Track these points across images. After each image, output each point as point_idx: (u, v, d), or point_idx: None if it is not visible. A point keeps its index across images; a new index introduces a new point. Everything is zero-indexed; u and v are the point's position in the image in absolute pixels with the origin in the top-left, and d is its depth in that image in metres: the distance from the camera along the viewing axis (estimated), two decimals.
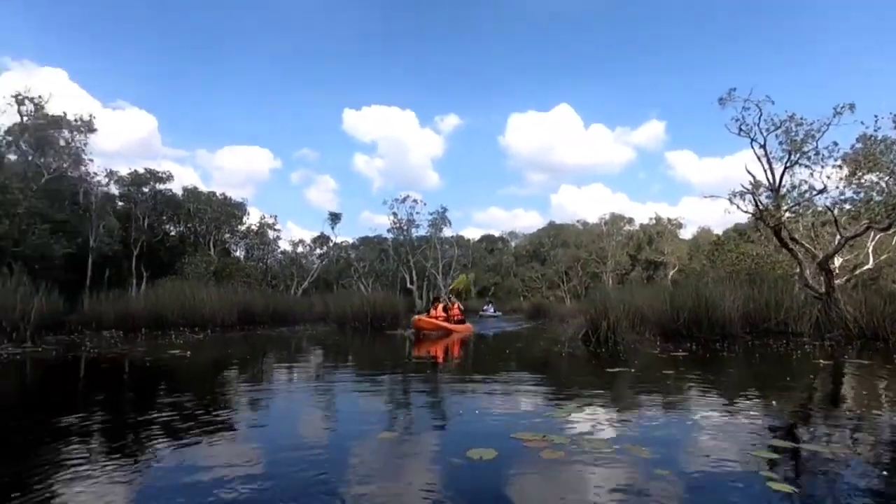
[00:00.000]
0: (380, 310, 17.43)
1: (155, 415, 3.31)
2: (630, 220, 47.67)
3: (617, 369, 5.18)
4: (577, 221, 51.63)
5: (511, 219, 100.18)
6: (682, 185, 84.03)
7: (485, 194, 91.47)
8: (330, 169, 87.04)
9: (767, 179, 13.18)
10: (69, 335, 10.77)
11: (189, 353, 7.45)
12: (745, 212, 13.68)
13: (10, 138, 24.20)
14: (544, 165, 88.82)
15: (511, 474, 1.97)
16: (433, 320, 12.00)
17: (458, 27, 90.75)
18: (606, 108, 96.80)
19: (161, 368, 5.85)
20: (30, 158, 24.49)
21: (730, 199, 13.59)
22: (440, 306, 13.28)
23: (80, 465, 2.08)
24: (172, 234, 36.51)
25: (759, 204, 13.28)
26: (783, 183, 13.07)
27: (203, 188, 39.48)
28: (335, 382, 4.86)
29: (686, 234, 47.80)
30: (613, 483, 1.88)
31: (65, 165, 25.59)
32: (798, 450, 2.27)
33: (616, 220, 46.64)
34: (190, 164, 78.67)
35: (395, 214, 41.06)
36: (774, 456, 2.17)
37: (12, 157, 24.50)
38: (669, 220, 45.83)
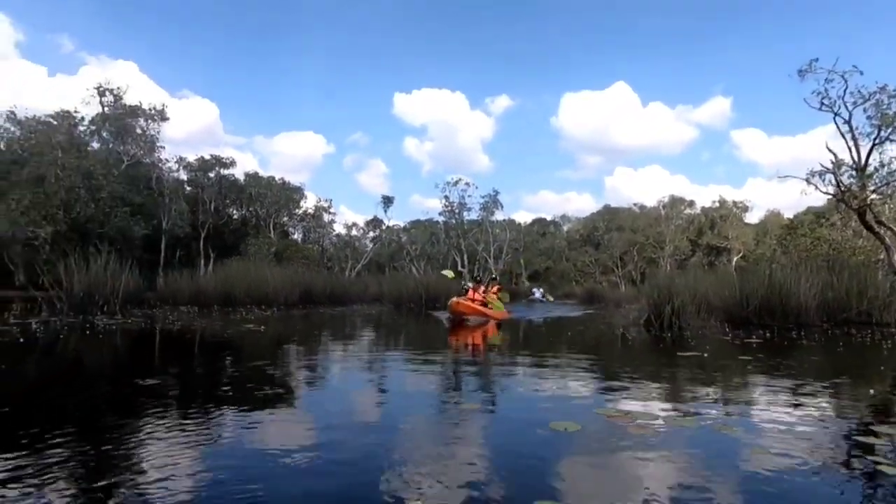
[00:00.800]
0: (433, 291, 17.74)
1: (238, 379, 3.57)
2: (691, 204, 45.50)
3: (689, 353, 5.03)
4: (634, 205, 49.77)
5: (563, 202, 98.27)
6: (748, 165, 79.02)
7: (536, 177, 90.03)
8: (381, 153, 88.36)
9: (851, 157, 12.21)
10: (150, 310, 11.65)
11: (262, 327, 7.92)
12: (825, 193, 12.80)
13: (93, 127, 26.22)
14: (599, 147, 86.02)
15: (599, 445, 1.99)
16: (472, 304, 10.83)
17: (508, 6, 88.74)
18: (666, 86, 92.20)
19: (241, 340, 6.24)
20: (110, 146, 26.43)
21: (807, 180, 12.72)
22: (481, 289, 11.85)
23: (170, 424, 2.28)
24: (235, 216, 38.43)
25: (840, 184, 12.35)
26: (870, 161, 12.07)
27: (262, 173, 41.27)
28: (405, 358, 5.02)
29: (752, 217, 45.01)
30: (710, 458, 1.87)
31: (140, 152, 27.46)
32: None
33: (676, 203, 44.65)
34: (249, 150, 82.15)
35: (446, 198, 41.22)
36: (880, 442, 2.07)
37: (95, 145, 26.53)
38: (735, 203, 43.32)
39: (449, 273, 15.91)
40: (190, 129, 63.46)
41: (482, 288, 12.06)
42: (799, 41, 72.91)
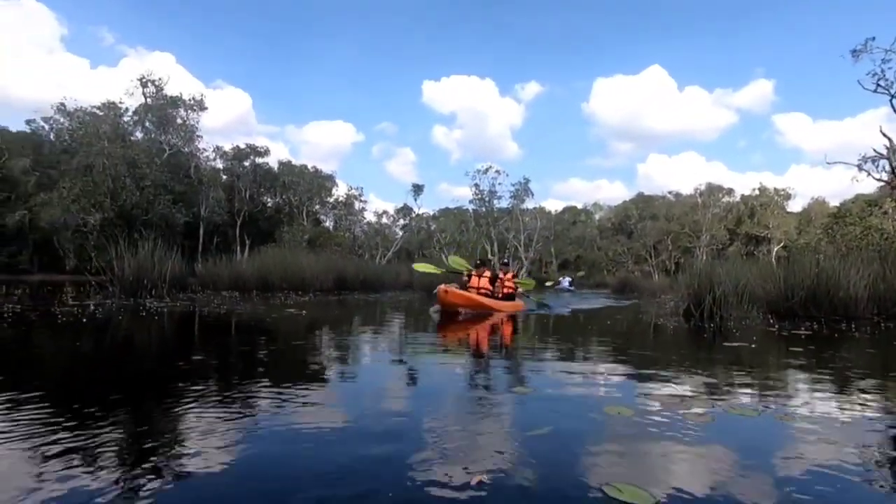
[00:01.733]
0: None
1: (289, 359, 3.72)
2: (729, 192, 44.03)
3: (735, 344, 4.94)
4: (669, 193, 48.56)
5: (593, 190, 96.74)
6: (790, 151, 75.92)
7: (566, 165, 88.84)
8: (409, 141, 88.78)
9: None
10: (193, 294, 12.11)
11: (303, 311, 8.15)
12: (879, 179, 12.21)
13: (136, 118, 27.21)
14: (631, 133, 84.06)
15: (656, 430, 2.00)
16: (467, 294, 8.92)
17: None
18: (704, 68, 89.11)
19: (285, 323, 6.45)
20: (152, 136, 27.40)
21: (859, 166, 12.18)
22: (487, 273, 9.90)
23: (211, 402, 2.40)
24: (270, 204, 39.39)
25: (895, 170, 11.75)
26: None
27: (295, 162, 42.05)
28: (445, 342, 5.09)
29: (795, 206, 43.25)
30: (775, 445, 1.86)
31: (180, 142, 28.39)
32: None
33: (713, 191, 43.28)
34: (280, 139, 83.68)
35: (476, 185, 41.09)
36: None
37: (138, 134, 27.55)
38: (776, 190, 41.70)
39: (427, 267, 12.10)
40: (224, 118, 65.22)
41: (487, 273, 9.91)
42: (848, 19, 69.25)
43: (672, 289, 14.83)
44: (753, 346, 4.84)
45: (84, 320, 5.75)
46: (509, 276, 10.72)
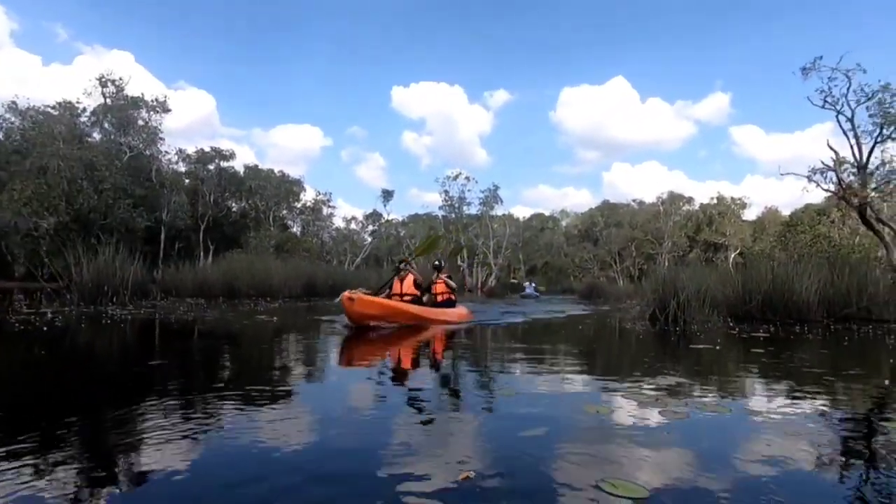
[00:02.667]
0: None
1: (268, 365, 3.68)
2: (689, 200, 45.74)
3: (701, 346, 5.17)
4: (633, 201, 50.05)
5: (561, 197, 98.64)
6: (746, 162, 79.51)
7: (534, 172, 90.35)
8: (379, 146, 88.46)
9: (854, 155, 12.37)
10: (155, 301, 11.72)
11: (274, 318, 8.02)
12: (827, 190, 12.95)
13: (94, 118, 26.16)
14: (597, 142, 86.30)
15: (632, 427, 2.09)
16: (385, 301, 6.84)
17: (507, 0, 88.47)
18: (666, 81, 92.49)
19: (256, 329, 6.33)
20: (112, 137, 26.39)
21: (808, 177, 12.89)
22: (410, 278, 7.68)
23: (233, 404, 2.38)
24: (235, 209, 38.45)
25: (841, 182, 12.50)
26: (871, 159, 12.23)
27: (261, 166, 41.24)
28: (418, 344, 5.12)
29: (750, 214, 45.27)
30: (747, 439, 1.99)
31: (141, 144, 27.42)
32: None
33: (674, 199, 44.86)
34: (246, 142, 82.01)
35: (446, 192, 41.26)
36: None
37: (96, 136, 26.49)
38: (733, 199, 43.57)
39: (428, 243, 10.32)
40: (186, 120, 63.47)
41: (411, 277, 7.69)
42: (800, 37, 73.30)
43: (637, 294, 15.27)
44: (717, 347, 5.08)
45: (44, 328, 5.50)
46: (442, 280, 8.49)
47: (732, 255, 40.10)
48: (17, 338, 4.87)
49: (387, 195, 43.39)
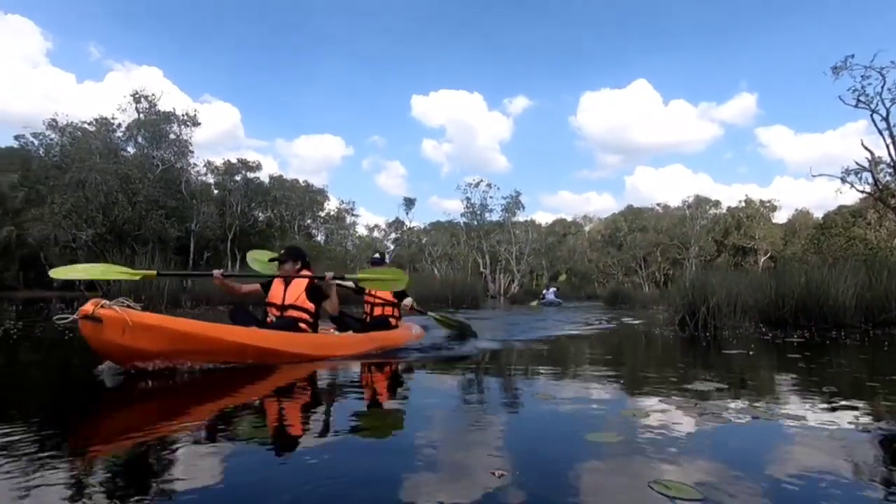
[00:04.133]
0: (459, 291, 18.00)
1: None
2: (716, 204, 44.78)
3: (733, 351, 5.10)
4: (658, 205, 49.27)
5: (582, 202, 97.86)
6: (774, 163, 77.57)
7: (554, 177, 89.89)
8: (399, 155, 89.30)
9: (890, 155, 11.99)
10: (191, 309, 12.06)
11: None
12: (862, 191, 12.59)
13: (128, 133, 27.20)
14: (619, 146, 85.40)
15: (672, 432, 2.11)
16: (181, 326, 3.28)
17: (525, 6, 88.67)
18: (689, 82, 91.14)
19: None
20: (145, 151, 27.37)
21: (842, 178, 12.54)
22: (300, 283, 4.32)
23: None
24: (261, 219, 39.30)
25: (878, 182, 12.14)
26: None
27: (286, 176, 42.09)
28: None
29: (780, 217, 44.10)
30: (787, 450, 1.99)
31: (172, 157, 28.36)
32: None
33: (701, 203, 44.01)
34: (269, 152, 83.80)
35: (468, 199, 41.34)
36: None
37: (131, 150, 27.55)
38: (762, 202, 42.53)
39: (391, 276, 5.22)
40: (211, 132, 65.22)
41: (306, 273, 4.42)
42: (829, 34, 71.50)
43: (664, 299, 15.03)
44: (750, 353, 5.01)
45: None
46: (371, 292, 5.68)
47: (762, 259, 39.11)
48: (69, 344, 5.11)
49: (409, 203, 43.80)
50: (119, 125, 26.78)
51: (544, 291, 24.64)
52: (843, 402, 2.79)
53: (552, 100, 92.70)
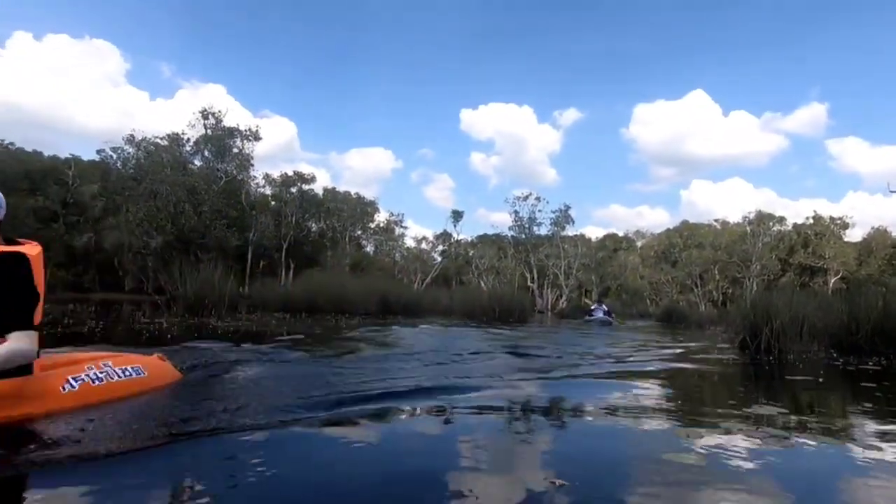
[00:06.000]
0: (507, 305, 17.85)
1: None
2: (781, 220, 42.28)
3: (799, 377, 4.83)
4: (715, 220, 47.10)
5: (634, 216, 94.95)
6: (847, 177, 72.56)
7: (605, 191, 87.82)
8: (447, 167, 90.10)
9: None
10: (249, 314, 12.63)
11: (380, 326, 8.41)
12: None
13: (195, 147, 29.13)
14: (673, 159, 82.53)
15: (733, 458, 2.06)
16: None
17: (576, 17, 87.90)
18: (751, 92, 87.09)
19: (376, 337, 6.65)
20: (211, 164, 29.18)
21: None
22: None
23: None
24: (314, 229, 40.66)
25: None
26: None
27: (339, 188, 43.47)
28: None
29: (854, 235, 41.07)
30: (855, 478, 1.90)
31: (235, 170, 30.07)
32: None
33: (763, 219, 41.69)
34: (323, 165, 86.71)
35: (516, 212, 41.11)
36: None
37: (197, 163, 29.45)
38: (832, 218, 39.78)
39: None
40: (269, 146, 68.32)
41: None
42: None
43: (722, 320, 14.33)
44: (820, 380, 4.72)
45: (169, 336, 6.14)
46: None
47: (833, 280, 36.54)
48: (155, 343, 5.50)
49: (456, 216, 44.08)
50: (188, 140, 28.79)
51: (593, 307, 21.00)
52: None
53: (604, 112, 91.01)
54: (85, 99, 68.91)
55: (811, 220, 40.93)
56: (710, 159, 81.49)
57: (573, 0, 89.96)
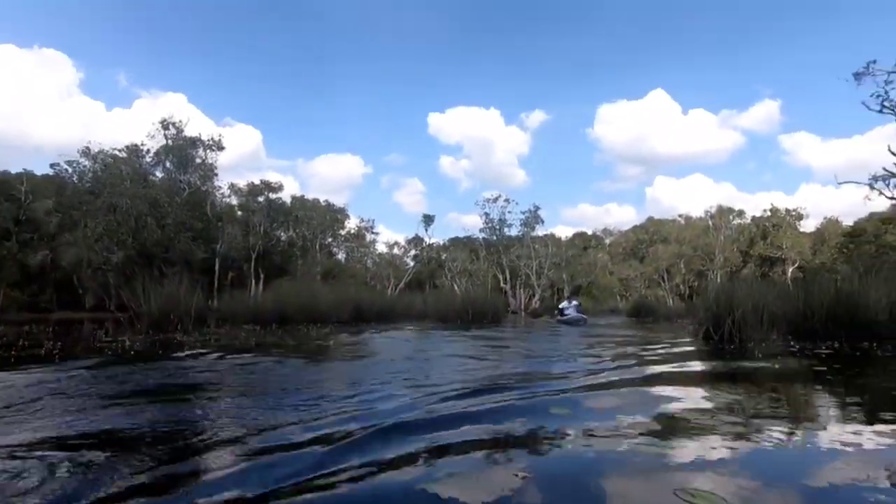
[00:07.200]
0: (480, 307, 17.96)
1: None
2: (740, 213, 43.94)
3: (758, 364, 5.03)
4: (679, 215, 48.59)
5: (602, 214, 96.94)
6: (800, 171, 75.82)
7: (573, 190, 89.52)
8: (417, 172, 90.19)
9: None
10: (217, 328, 12.31)
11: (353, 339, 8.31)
12: (890, 198, 12.29)
13: (156, 158, 28.28)
14: (638, 157, 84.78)
15: (692, 440, 2.13)
16: None
17: (539, 21, 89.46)
18: (709, 91, 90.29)
19: (345, 347, 6.59)
20: (173, 175, 28.37)
21: (870, 185, 12.27)
22: None
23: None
24: (283, 238, 39.99)
25: None
26: None
27: (307, 196, 42.90)
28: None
29: (808, 225, 42.97)
30: (821, 461, 2.00)
31: (198, 181, 29.32)
32: None
33: (724, 212, 43.24)
34: (290, 172, 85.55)
35: (486, 214, 41.45)
36: None
37: (159, 174, 28.59)
38: (788, 210, 41.56)
39: None
40: (234, 155, 67.05)
41: None
42: (853, 38, 70.19)
43: (689, 312, 14.76)
44: (776, 365, 4.92)
45: (133, 352, 5.94)
46: None
47: (790, 270, 38.12)
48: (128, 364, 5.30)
49: (428, 220, 44.11)
50: (148, 151, 27.94)
51: (563, 305, 19.56)
52: (874, 414, 2.76)
53: (569, 113, 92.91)
54: (36, 111, 66.23)
55: (768, 213, 42.67)
56: (672, 156, 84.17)
57: (536, 6, 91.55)
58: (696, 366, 5.39)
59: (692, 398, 3.19)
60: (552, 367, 4.69)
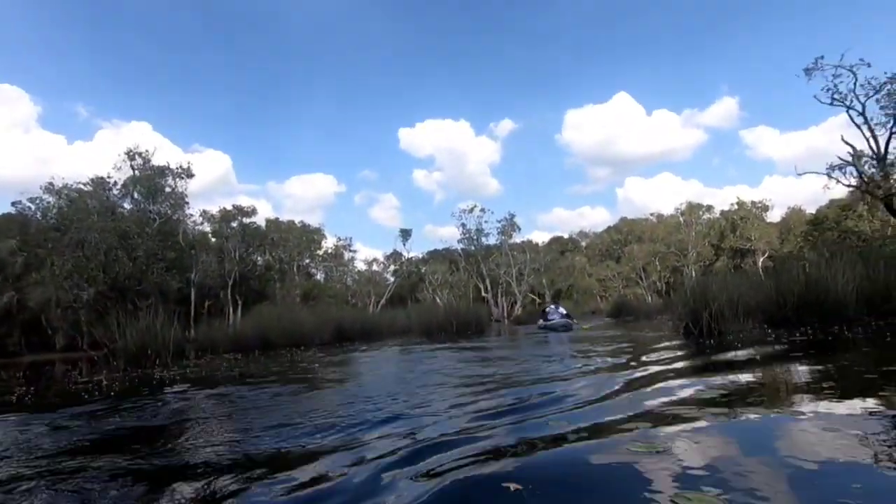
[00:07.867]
0: (463, 318, 17.96)
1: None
2: (709, 208, 45.19)
3: (737, 355, 5.18)
4: (651, 214, 49.71)
5: (577, 217, 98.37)
6: (763, 163, 78.57)
7: (547, 195, 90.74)
8: (391, 187, 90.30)
9: (870, 148, 12.30)
10: (197, 359, 12.01)
11: (338, 363, 8.19)
12: (848, 185, 12.83)
13: (124, 190, 27.61)
14: (607, 159, 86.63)
15: (681, 429, 2.19)
16: None
17: (501, 31, 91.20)
18: (670, 91, 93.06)
19: (332, 371, 6.49)
20: (142, 206, 27.73)
21: (828, 174, 12.80)
22: None
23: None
24: (260, 262, 39.38)
25: (863, 175, 12.39)
26: (889, 149, 12.12)
27: (282, 218, 42.43)
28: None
29: (774, 216, 44.43)
30: (805, 444, 2.07)
31: (169, 210, 28.72)
32: None
33: (693, 209, 44.40)
34: (262, 195, 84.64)
35: (463, 225, 41.66)
36: None
37: (127, 206, 27.90)
38: (754, 203, 42.94)
39: None
40: (204, 181, 65.90)
41: None
42: (803, 33, 73.47)
43: (667, 308, 15.03)
44: (758, 357, 5.07)
45: (112, 393, 5.74)
46: None
47: (761, 260, 39.25)
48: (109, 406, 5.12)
49: (405, 234, 44.09)
50: (115, 183, 27.28)
51: (547, 310, 18.50)
52: (848, 394, 2.86)
53: (537, 120, 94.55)
54: None
55: (736, 206, 44.00)
56: (640, 157, 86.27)
57: (497, 17, 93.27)
58: (679, 364, 5.50)
59: (680, 395, 3.26)
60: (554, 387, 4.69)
